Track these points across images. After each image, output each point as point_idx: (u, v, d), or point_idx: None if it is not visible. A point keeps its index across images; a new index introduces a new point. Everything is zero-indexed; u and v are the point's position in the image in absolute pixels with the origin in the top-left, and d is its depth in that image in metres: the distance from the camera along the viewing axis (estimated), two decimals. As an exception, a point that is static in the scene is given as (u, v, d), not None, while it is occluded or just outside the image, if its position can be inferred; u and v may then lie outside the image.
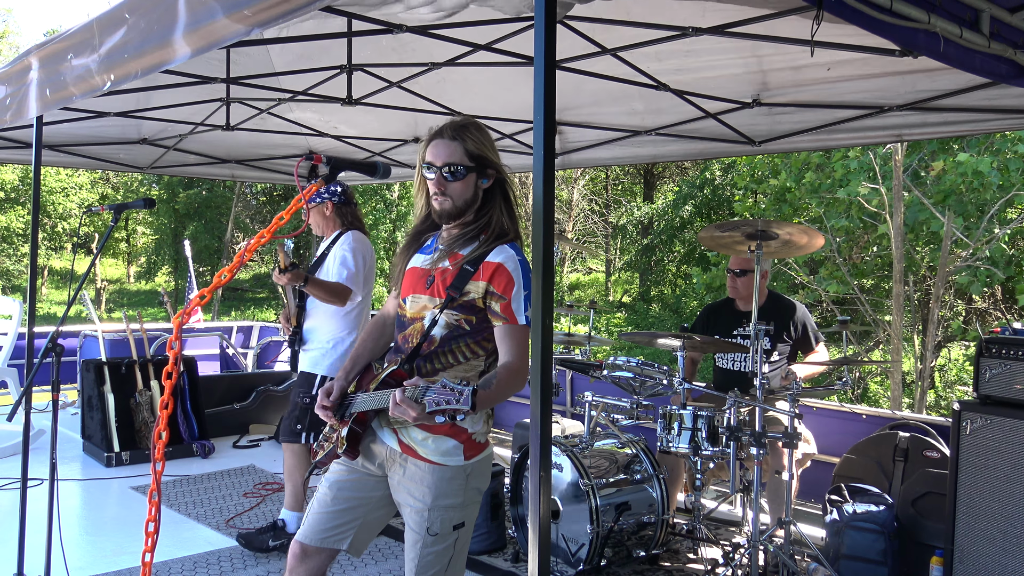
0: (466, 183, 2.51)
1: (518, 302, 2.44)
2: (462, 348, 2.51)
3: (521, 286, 2.45)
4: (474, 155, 2.50)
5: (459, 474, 2.50)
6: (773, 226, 4.26)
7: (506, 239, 2.53)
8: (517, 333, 2.44)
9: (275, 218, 2.48)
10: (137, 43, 3.06)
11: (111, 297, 32.16)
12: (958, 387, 13.95)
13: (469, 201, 2.54)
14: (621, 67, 4.38)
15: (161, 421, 2.34)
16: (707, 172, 20.84)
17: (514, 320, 2.44)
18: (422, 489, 2.48)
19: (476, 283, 2.47)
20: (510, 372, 2.39)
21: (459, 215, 2.55)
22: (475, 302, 2.47)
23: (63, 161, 7.15)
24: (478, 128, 2.56)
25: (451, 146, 2.50)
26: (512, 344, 2.44)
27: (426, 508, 2.47)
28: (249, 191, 28.43)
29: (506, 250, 2.49)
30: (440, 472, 2.48)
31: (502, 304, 2.44)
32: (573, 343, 5.58)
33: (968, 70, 2.71)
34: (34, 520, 3.97)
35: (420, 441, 2.49)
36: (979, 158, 9.68)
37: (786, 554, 4.04)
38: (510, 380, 2.38)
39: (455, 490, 2.50)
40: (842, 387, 4.34)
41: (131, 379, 6.60)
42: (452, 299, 2.47)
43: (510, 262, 2.47)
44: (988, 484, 3.66)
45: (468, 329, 2.50)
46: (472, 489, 2.54)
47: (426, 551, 2.48)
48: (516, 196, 2.67)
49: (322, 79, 5.09)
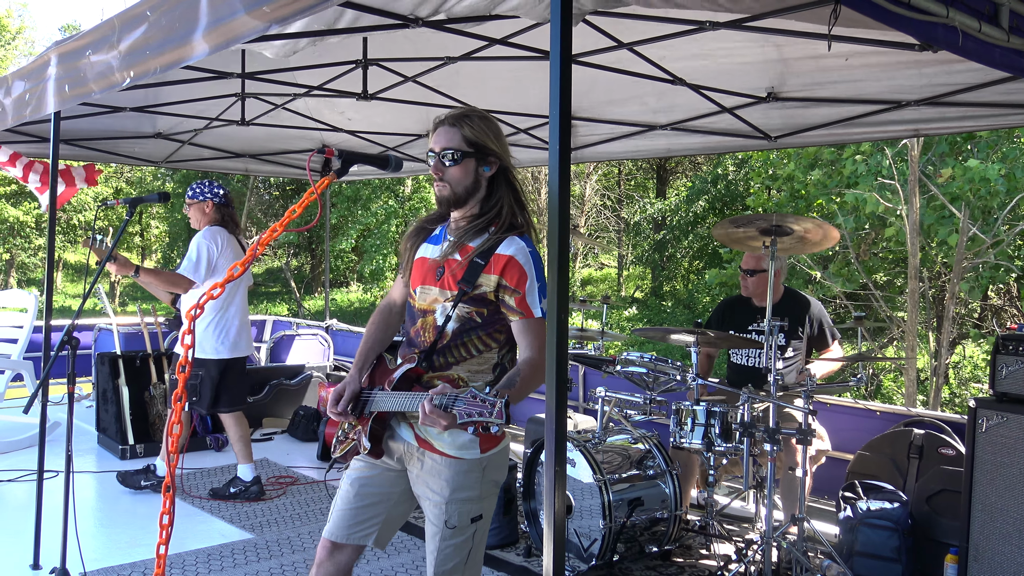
0: (464, 169, 2.50)
1: (533, 295, 2.44)
2: (475, 341, 2.51)
3: (534, 278, 2.44)
4: (472, 141, 2.50)
5: (475, 467, 2.50)
6: (788, 221, 4.23)
7: (517, 231, 2.52)
8: (535, 327, 2.43)
9: (287, 211, 2.48)
10: (159, 40, 3.08)
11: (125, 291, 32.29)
12: (972, 384, 13.87)
13: (469, 188, 2.52)
14: (636, 61, 4.36)
15: (175, 414, 2.35)
16: (720, 167, 20.74)
17: (531, 314, 2.43)
18: (439, 482, 2.49)
19: (488, 276, 2.46)
20: (532, 367, 2.39)
21: (460, 202, 2.54)
22: (487, 295, 2.47)
23: (79, 155, 7.19)
24: (482, 118, 2.56)
25: (450, 132, 2.52)
26: (531, 339, 2.43)
27: (444, 501, 2.48)
28: (263, 185, 28.48)
29: (516, 242, 2.48)
30: (457, 465, 2.48)
31: (517, 299, 2.44)
32: (586, 338, 5.57)
33: (987, 64, 2.69)
34: (50, 512, 4.00)
35: (436, 435, 2.50)
36: (987, 165, 9.64)
37: (799, 551, 4.02)
38: (533, 376, 2.37)
39: (472, 483, 2.50)
40: (856, 384, 4.32)
41: (145, 372, 6.63)
42: (464, 293, 2.47)
43: (521, 254, 2.45)
44: (1004, 482, 3.64)
45: (480, 322, 2.50)
46: (489, 482, 2.55)
47: (445, 544, 2.49)
48: (522, 187, 2.65)
49: (337, 74, 5.09)
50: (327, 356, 8.81)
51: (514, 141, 6.54)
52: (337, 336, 9.13)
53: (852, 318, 4.48)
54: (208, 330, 5.13)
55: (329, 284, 12.88)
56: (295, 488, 5.63)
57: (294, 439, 7.04)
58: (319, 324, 9.49)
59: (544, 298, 2.44)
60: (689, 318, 19.90)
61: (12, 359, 6.73)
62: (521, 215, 2.57)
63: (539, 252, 2.51)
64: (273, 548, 4.52)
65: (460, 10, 2.84)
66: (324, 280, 10.40)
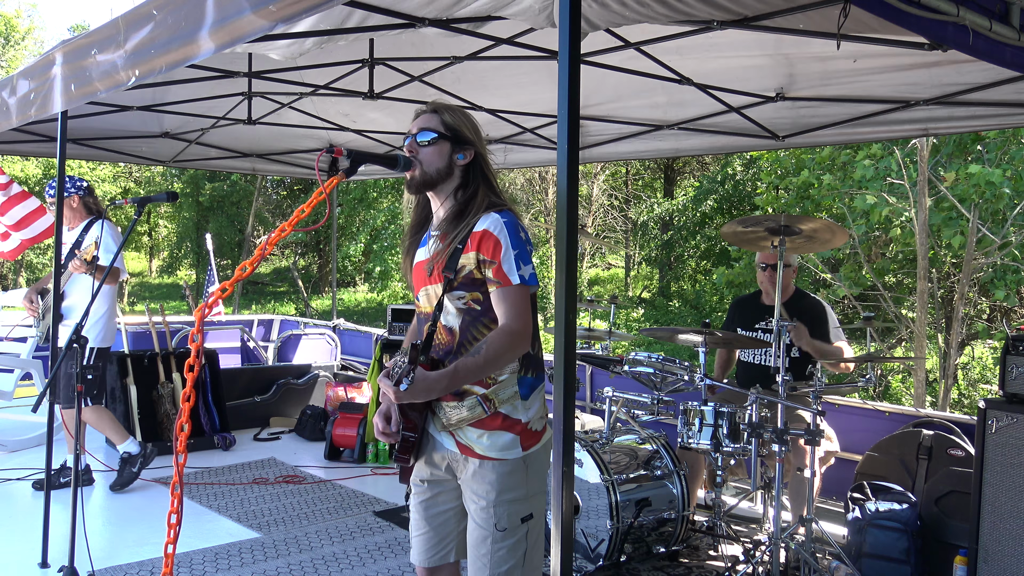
0: (439, 151, 2.50)
1: (508, 262, 2.39)
2: (482, 331, 2.46)
3: (509, 246, 2.39)
4: (449, 126, 2.52)
5: (519, 466, 2.46)
6: (796, 222, 4.22)
7: (494, 209, 2.48)
8: (511, 294, 2.38)
9: (296, 211, 2.48)
10: (164, 39, 3.08)
11: (133, 290, 32.40)
12: (981, 385, 13.81)
13: (442, 171, 2.51)
14: (644, 61, 4.35)
15: (183, 413, 2.35)
16: (728, 168, 20.70)
17: (507, 282, 2.38)
18: (484, 486, 2.45)
19: (467, 255, 2.43)
20: (505, 335, 2.36)
21: (430, 184, 2.53)
22: (472, 274, 2.44)
23: (86, 154, 7.21)
24: (462, 111, 2.59)
25: (428, 116, 2.55)
26: (507, 306, 2.39)
27: (491, 505, 2.44)
28: (270, 184, 28.55)
29: (491, 216, 2.44)
30: (500, 467, 2.44)
31: (493, 268, 2.40)
32: (593, 338, 5.56)
33: (998, 63, 2.68)
34: (58, 510, 4.01)
35: (476, 439, 2.46)
36: (992, 170, 9.60)
37: (808, 552, 4.01)
38: (506, 343, 2.35)
39: (517, 483, 2.46)
40: (865, 384, 4.31)
41: (153, 371, 6.65)
42: (449, 280, 2.45)
43: (494, 225, 2.42)
44: (1013, 483, 3.62)
45: (479, 309, 2.46)
46: (535, 479, 2.50)
47: (497, 547, 2.45)
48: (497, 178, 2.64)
49: (344, 73, 5.10)
50: (334, 356, 8.82)
51: (521, 141, 6.54)
52: (344, 336, 9.14)
53: (861, 319, 4.47)
54: (109, 320, 5.29)
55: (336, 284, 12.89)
56: (302, 487, 5.63)
57: (301, 438, 7.04)
58: (326, 324, 9.51)
59: (525, 264, 2.40)
60: (697, 318, 19.85)
61: (21, 358, 6.76)
62: (498, 199, 2.53)
63: (518, 222, 2.47)
64: (280, 547, 4.52)
65: (465, 13, 2.84)
66: (331, 280, 10.42)
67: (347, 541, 4.64)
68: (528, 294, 2.42)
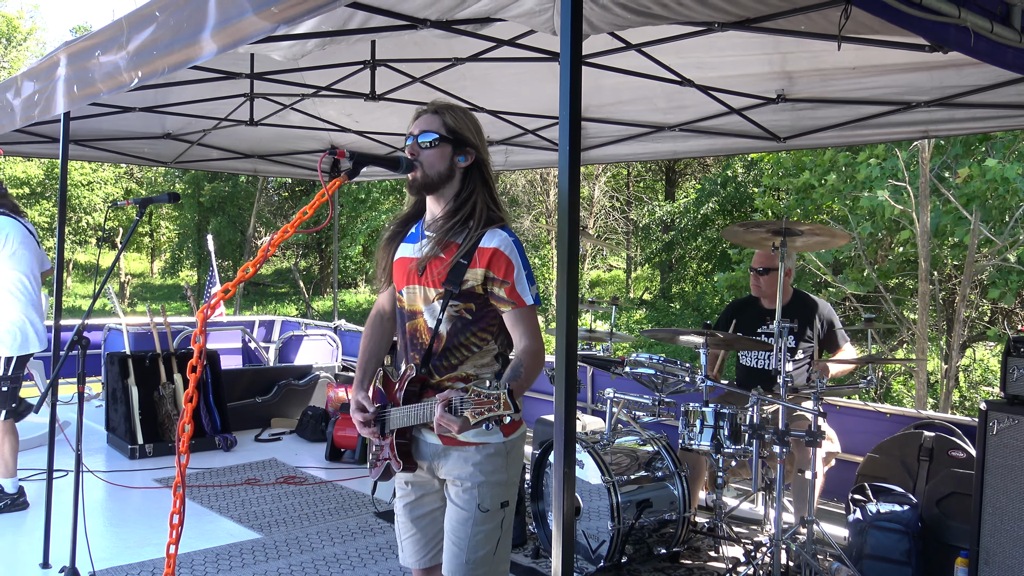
0: (440, 153, 2.51)
1: (522, 284, 2.45)
2: (471, 338, 2.52)
3: (521, 267, 2.46)
4: (451, 128, 2.52)
5: (501, 451, 2.51)
6: (797, 225, 4.23)
7: (497, 224, 2.53)
8: (528, 315, 2.46)
9: (298, 212, 2.48)
10: (167, 40, 3.09)
11: (135, 291, 32.42)
12: (983, 387, 13.80)
13: (443, 174, 2.52)
14: (645, 62, 4.36)
15: (186, 414, 2.35)
16: (729, 170, 20.69)
17: (522, 303, 2.45)
18: (468, 469, 2.49)
19: (474, 271, 2.47)
20: (531, 355, 2.41)
21: (431, 187, 2.54)
22: (474, 289, 2.48)
23: (88, 155, 7.22)
24: (464, 112, 2.59)
25: (430, 118, 2.54)
26: (526, 327, 2.46)
27: (475, 485, 2.48)
28: (271, 186, 28.55)
29: (499, 234, 2.49)
30: (484, 450, 2.49)
31: (506, 288, 2.45)
32: (594, 340, 5.56)
33: (999, 65, 2.68)
34: (59, 511, 4.02)
35: None
36: (1007, 165, 9.56)
37: (809, 553, 4.01)
38: (534, 364, 2.40)
39: (500, 466, 2.51)
40: (866, 386, 4.31)
41: (155, 372, 6.65)
42: (451, 294, 2.48)
43: (505, 245, 2.46)
44: (1014, 485, 3.61)
45: (470, 318, 2.51)
46: (513, 467, 2.56)
47: (477, 529, 2.48)
48: (496, 183, 2.66)
49: (346, 74, 5.10)
50: (335, 356, 8.82)
51: (522, 142, 6.54)
52: (345, 336, 9.14)
53: (862, 320, 4.47)
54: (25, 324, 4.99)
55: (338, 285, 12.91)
56: (303, 488, 5.64)
57: (302, 439, 7.05)
58: (327, 325, 9.51)
59: (532, 284, 2.47)
60: (698, 320, 19.84)
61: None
62: (497, 210, 2.57)
63: (520, 241, 2.53)
64: (281, 548, 4.52)
65: (466, 14, 2.84)
66: (332, 281, 10.42)
67: (348, 542, 4.65)
68: (536, 313, 2.50)
